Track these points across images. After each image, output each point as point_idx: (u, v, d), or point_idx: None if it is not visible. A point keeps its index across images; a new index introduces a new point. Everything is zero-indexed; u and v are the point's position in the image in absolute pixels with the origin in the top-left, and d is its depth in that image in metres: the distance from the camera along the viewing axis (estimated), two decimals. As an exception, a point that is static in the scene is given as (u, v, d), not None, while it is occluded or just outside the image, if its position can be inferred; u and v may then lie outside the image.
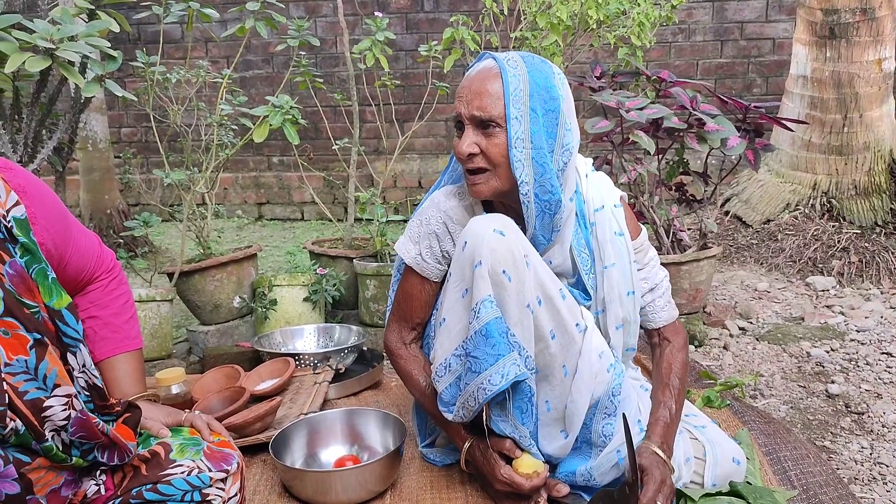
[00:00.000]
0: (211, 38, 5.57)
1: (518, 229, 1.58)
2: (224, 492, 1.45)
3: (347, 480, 1.71)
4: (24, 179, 1.33)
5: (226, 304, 2.83)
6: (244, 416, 1.97)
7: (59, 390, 1.23)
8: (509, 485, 1.60)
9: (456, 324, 1.59)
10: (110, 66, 2.38)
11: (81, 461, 1.33)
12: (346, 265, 3.02)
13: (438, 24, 5.51)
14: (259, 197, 5.92)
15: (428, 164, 5.69)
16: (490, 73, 1.53)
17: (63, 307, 1.30)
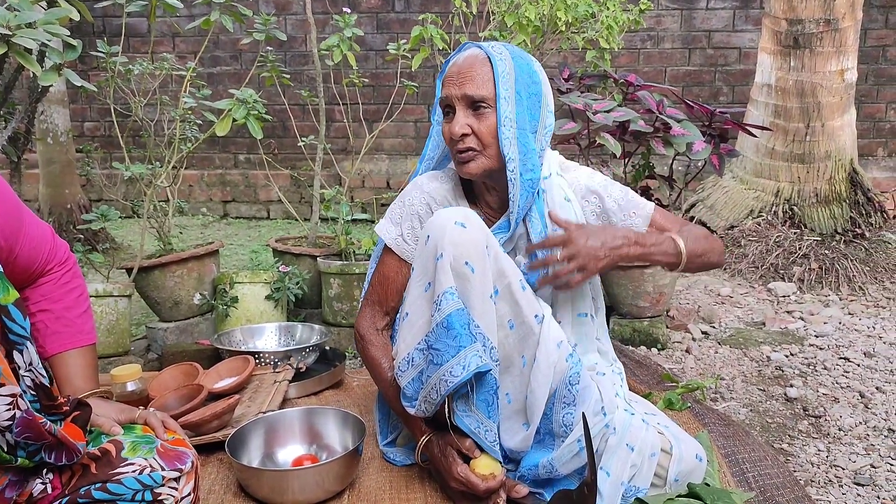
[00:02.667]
0: (178, 32, 5.49)
1: (480, 220, 1.59)
2: (177, 491, 1.42)
3: (305, 480, 1.68)
4: None
5: (186, 301, 2.78)
6: (201, 413, 1.93)
7: (4, 389, 1.18)
8: (465, 484, 1.60)
9: (419, 318, 1.60)
10: (69, 55, 2.33)
11: (27, 462, 1.29)
12: (309, 263, 2.99)
13: (409, 25, 5.49)
14: (225, 195, 5.85)
15: (397, 164, 5.67)
16: (477, 58, 1.62)
17: (9, 303, 1.25)
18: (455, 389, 1.52)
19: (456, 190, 1.77)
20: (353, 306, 2.83)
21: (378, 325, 1.80)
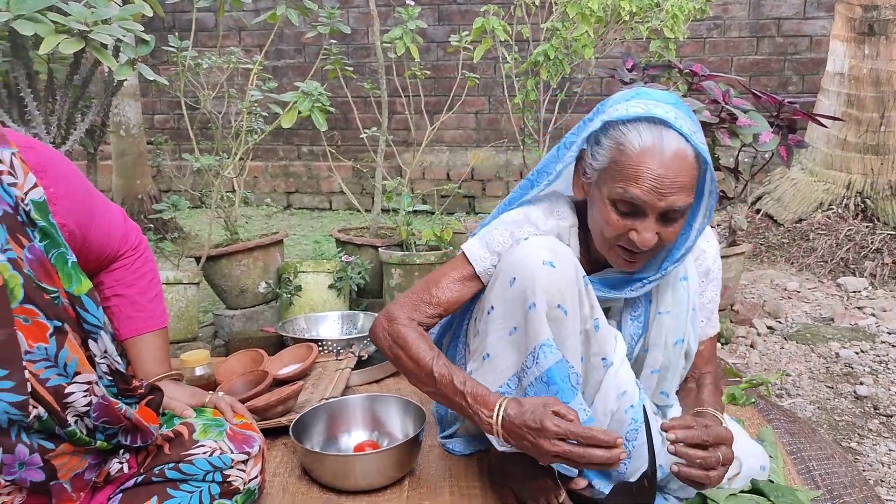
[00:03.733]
0: (244, 26, 5.61)
1: (568, 252, 1.49)
2: (245, 473, 1.47)
3: (366, 465, 1.71)
4: (45, 158, 1.32)
5: (251, 289, 2.85)
6: (266, 398, 1.98)
7: (80, 377, 1.24)
8: (565, 434, 1.32)
9: (504, 361, 1.52)
10: (143, 49, 2.41)
11: (105, 444, 1.34)
12: (371, 253, 3.03)
13: (470, 16, 5.50)
14: (288, 186, 5.96)
15: (457, 156, 5.68)
16: (686, 159, 1.37)
17: (83, 293, 1.30)
18: None
19: (572, 230, 1.60)
20: (414, 296, 2.86)
21: (415, 319, 1.59)
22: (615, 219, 1.42)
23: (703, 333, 1.71)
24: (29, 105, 2.28)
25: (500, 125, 5.57)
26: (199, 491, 1.41)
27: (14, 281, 1.19)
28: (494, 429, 1.40)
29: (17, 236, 1.23)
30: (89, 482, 1.36)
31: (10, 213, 1.23)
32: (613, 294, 1.57)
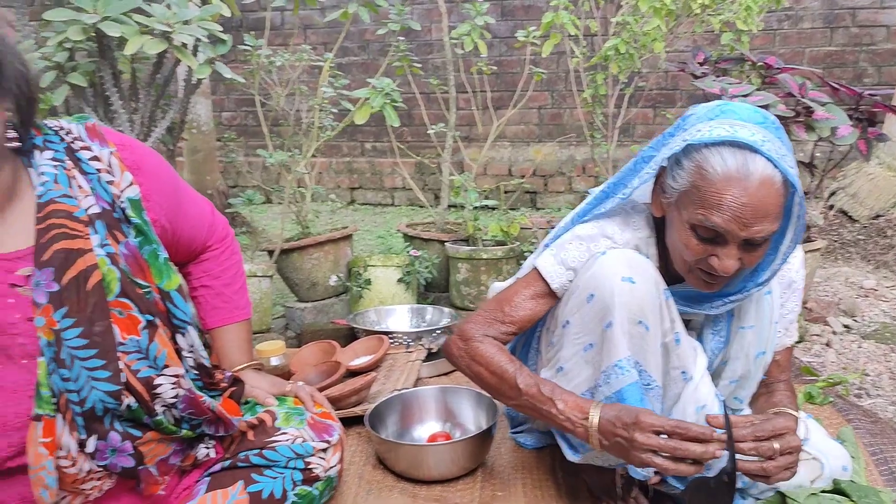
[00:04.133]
0: (310, 24, 5.71)
1: (649, 265, 1.45)
2: (325, 461, 1.50)
3: (440, 456, 1.74)
4: (139, 156, 1.38)
5: (322, 283, 2.91)
6: (340, 389, 2.03)
7: (168, 370, 1.29)
8: (660, 430, 1.30)
9: (577, 376, 1.50)
10: (220, 49, 2.47)
11: (191, 433, 1.39)
12: (438, 248, 3.06)
13: (533, 11, 5.48)
14: (352, 182, 6.04)
15: (519, 151, 5.67)
16: (773, 187, 1.30)
17: (173, 289, 1.35)
18: None
19: (650, 240, 1.55)
20: (481, 290, 2.88)
21: (490, 335, 1.57)
22: (695, 243, 1.37)
23: (780, 343, 1.67)
24: (114, 104, 2.37)
25: (563, 120, 5.54)
26: (282, 477, 1.45)
27: (111, 275, 1.25)
28: (589, 431, 1.38)
29: (114, 232, 1.29)
30: (174, 466, 1.42)
31: (108, 210, 1.29)
32: (693, 310, 1.54)
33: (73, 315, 1.20)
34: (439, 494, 1.71)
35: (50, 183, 1.24)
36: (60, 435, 1.20)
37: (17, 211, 1.24)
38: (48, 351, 1.19)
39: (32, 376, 1.20)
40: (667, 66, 2.88)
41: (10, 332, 1.19)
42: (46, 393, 1.19)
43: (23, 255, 1.22)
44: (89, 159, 1.30)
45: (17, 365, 1.19)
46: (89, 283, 1.22)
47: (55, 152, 1.28)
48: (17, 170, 1.25)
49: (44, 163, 1.26)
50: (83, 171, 1.29)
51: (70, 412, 1.20)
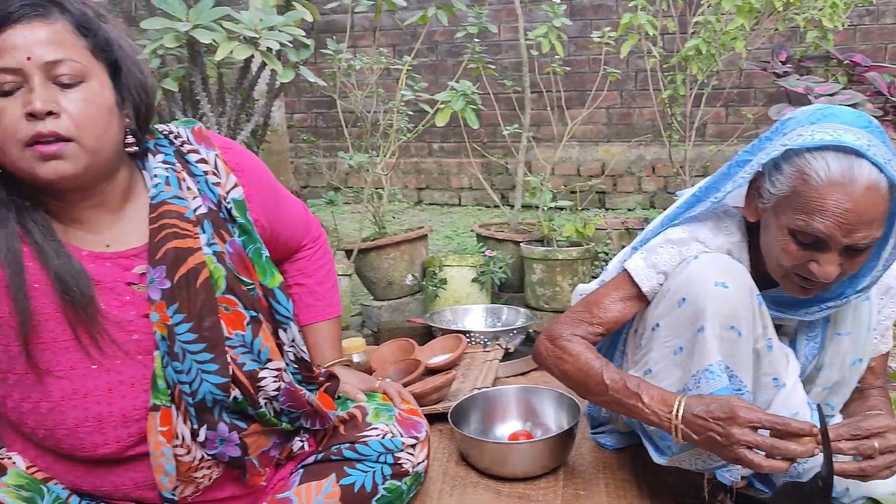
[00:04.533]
0: (379, 26, 5.78)
1: (743, 270, 1.44)
2: (413, 457, 1.53)
3: (523, 454, 1.76)
4: (241, 158, 1.43)
5: (398, 282, 2.96)
6: (421, 386, 2.07)
7: (271, 364, 1.34)
8: (758, 424, 1.28)
9: (665, 379, 1.49)
10: (303, 53, 2.54)
11: (289, 426, 1.44)
12: (512, 248, 3.08)
13: (602, 10, 5.45)
14: (419, 182, 6.09)
15: (587, 151, 5.64)
16: (878, 193, 1.28)
17: (275, 286, 1.40)
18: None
19: (742, 244, 1.54)
20: (556, 291, 2.89)
21: (578, 335, 1.58)
22: (794, 249, 1.35)
23: (876, 350, 1.63)
24: (203, 107, 2.46)
25: (632, 120, 5.49)
26: (372, 471, 1.48)
27: (218, 272, 1.30)
28: (672, 424, 1.37)
29: (221, 232, 1.34)
30: (274, 459, 1.47)
31: (214, 210, 1.35)
32: (787, 315, 1.52)
33: (184, 311, 1.26)
34: (522, 492, 1.73)
35: (162, 185, 1.30)
36: (176, 424, 1.26)
37: (131, 211, 1.31)
38: (162, 345, 1.25)
39: (148, 370, 1.26)
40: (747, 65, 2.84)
41: (128, 328, 1.25)
42: (162, 385, 1.25)
43: (137, 254, 1.29)
44: (197, 162, 1.36)
45: (133, 360, 1.26)
46: (198, 280, 1.27)
47: (166, 155, 1.34)
48: (132, 172, 1.32)
49: (156, 165, 1.32)
50: (191, 173, 1.35)
51: (183, 403, 1.26)
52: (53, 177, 1.15)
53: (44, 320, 1.20)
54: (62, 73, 1.15)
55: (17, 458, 1.29)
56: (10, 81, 1.13)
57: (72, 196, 1.24)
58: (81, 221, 1.27)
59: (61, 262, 1.20)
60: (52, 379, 1.21)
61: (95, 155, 1.19)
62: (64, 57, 1.15)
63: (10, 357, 1.20)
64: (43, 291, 1.20)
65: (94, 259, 1.26)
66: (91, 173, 1.20)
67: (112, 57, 1.22)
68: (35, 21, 1.15)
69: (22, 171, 1.16)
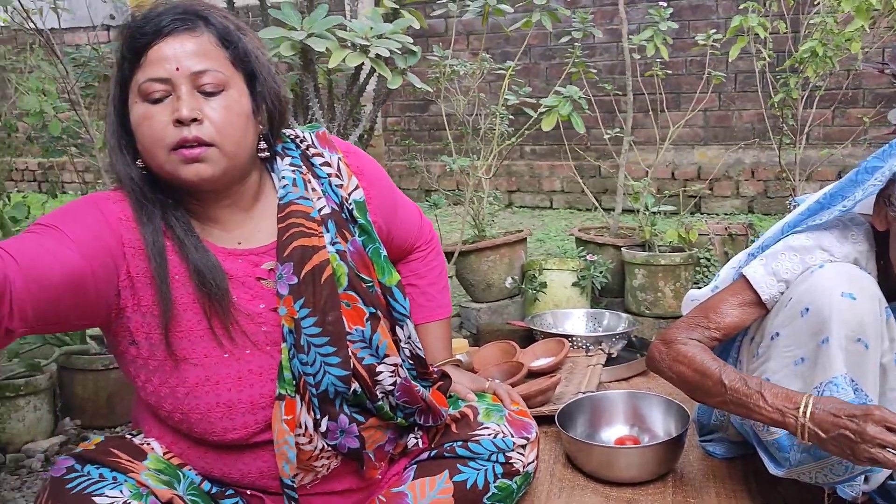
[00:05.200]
0: (472, 30, 5.83)
1: (870, 281, 1.42)
2: (524, 457, 1.55)
3: (631, 459, 1.76)
4: (362, 161, 1.50)
5: (497, 284, 2.99)
6: (526, 388, 2.09)
7: (388, 360, 1.39)
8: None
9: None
10: (411, 60, 2.61)
11: (404, 422, 1.49)
12: (612, 253, 3.06)
13: (701, 11, 5.34)
14: (510, 184, 6.11)
15: (682, 154, 5.54)
16: None
17: (393, 284, 1.45)
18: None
19: (870, 254, 1.52)
20: (657, 297, 2.86)
21: (693, 339, 1.58)
22: None
23: None
24: (316, 113, 2.55)
25: (731, 122, 5.36)
26: (484, 469, 1.50)
27: (341, 270, 1.37)
28: (799, 422, 1.34)
29: (343, 231, 1.41)
30: (388, 454, 1.52)
31: (337, 211, 1.42)
32: None
33: (309, 305, 1.32)
34: (631, 497, 1.74)
35: (289, 186, 1.38)
36: (299, 414, 1.33)
37: (261, 211, 1.39)
38: (289, 338, 1.32)
39: (275, 361, 1.33)
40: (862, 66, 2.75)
41: (257, 320, 1.33)
42: (288, 375, 1.32)
43: (266, 251, 1.36)
44: (321, 164, 1.43)
45: (261, 351, 1.33)
46: (323, 276, 1.34)
47: (293, 158, 1.41)
48: (262, 174, 1.40)
49: (284, 168, 1.39)
50: (316, 175, 1.42)
51: (308, 394, 1.33)
52: (195, 178, 1.24)
53: (182, 310, 1.28)
54: (206, 83, 1.23)
55: (155, 444, 1.37)
56: (160, 90, 1.22)
57: (209, 196, 1.32)
58: (216, 220, 1.35)
59: (200, 257, 1.28)
60: (188, 366, 1.29)
61: (233, 159, 1.26)
62: (208, 67, 1.23)
63: (151, 344, 1.29)
64: (182, 283, 1.28)
65: (227, 255, 1.34)
66: (228, 176, 1.28)
67: (250, 67, 1.30)
68: (184, 34, 1.24)
69: (167, 173, 1.25)
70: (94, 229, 1.22)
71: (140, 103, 1.23)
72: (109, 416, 2.37)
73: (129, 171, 1.28)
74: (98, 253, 1.20)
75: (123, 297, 1.26)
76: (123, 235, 1.26)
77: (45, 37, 2.38)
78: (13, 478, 2.07)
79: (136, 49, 1.23)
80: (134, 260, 1.26)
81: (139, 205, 1.27)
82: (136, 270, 1.26)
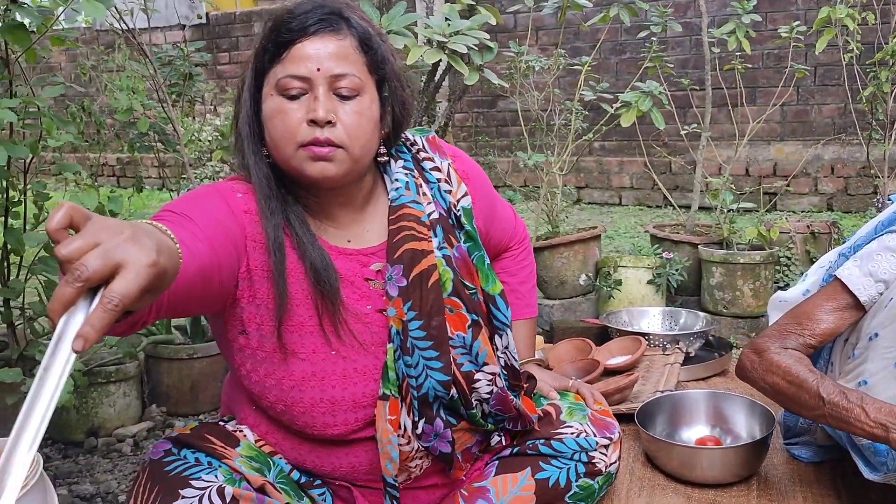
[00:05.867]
0: (541, 25, 5.80)
1: None
2: (606, 457, 1.54)
3: (714, 460, 1.73)
4: (468, 166, 1.50)
5: (571, 281, 2.97)
6: (604, 386, 2.07)
7: (487, 368, 1.39)
8: None
9: (884, 390, 1.43)
10: (487, 56, 2.61)
11: (493, 428, 1.49)
12: (688, 251, 3.02)
13: (781, 3, 5.19)
14: (578, 181, 6.05)
15: (757, 150, 5.40)
16: None
17: (496, 293, 1.44)
18: None
19: None
20: (735, 296, 2.81)
21: (787, 348, 1.54)
22: None
23: None
24: (393, 110, 2.58)
25: (809, 117, 5.21)
26: (567, 468, 1.50)
27: (446, 275, 1.37)
28: None
29: (449, 237, 1.41)
30: (474, 455, 1.52)
31: (444, 216, 1.42)
32: None
33: (416, 309, 1.33)
34: (713, 498, 1.71)
35: (402, 189, 1.38)
36: (401, 415, 1.34)
37: (371, 212, 1.40)
38: (396, 339, 1.33)
39: (378, 361, 1.34)
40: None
41: (364, 320, 1.34)
42: (392, 376, 1.33)
43: (375, 251, 1.37)
44: (431, 169, 1.43)
45: (366, 350, 1.34)
46: (430, 281, 1.34)
47: (405, 161, 1.42)
48: (375, 176, 1.41)
49: (397, 171, 1.40)
50: (426, 179, 1.42)
51: (409, 396, 1.34)
52: (319, 176, 1.25)
53: (295, 305, 1.30)
54: (343, 86, 1.24)
55: (248, 432, 1.40)
56: (298, 87, 1.24)
57: (325, 193, 1.33)
58: (330, 217, 1.36)
59: (316, 254, 1.30)
60: (296, 360, 1.31)
61: (357, 162, 1.27)
62: (347, 72, 1.24)
63: (261, 335, 1.30)
64: (297, 279, 1.30)
65: (339, 254, 1.35)
66: (349, 176, 1.29)
67: (383, 73, 1.30)
68: (327, 35, 1.25)
69: (291, 168, 1.27)
70: (222, 221, 1.23)
71: (276, 96, 1.25)
72: (193, 403, 2.46)
73: (259, 162, 1.30)
74: (224, 244, 1.22)
75: (241, 288, 1.28)
76: (247, 228, 1.27)
77: (133, 37, 2.47)
78: (105, 461, 2.16)
79: (280, 43, 1.25)
80: (254, 253, 1.28)
81: (265, 197, 1.28)
82: (256, 264, 1.28)
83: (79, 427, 2.27)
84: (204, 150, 3.06)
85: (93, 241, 0.76)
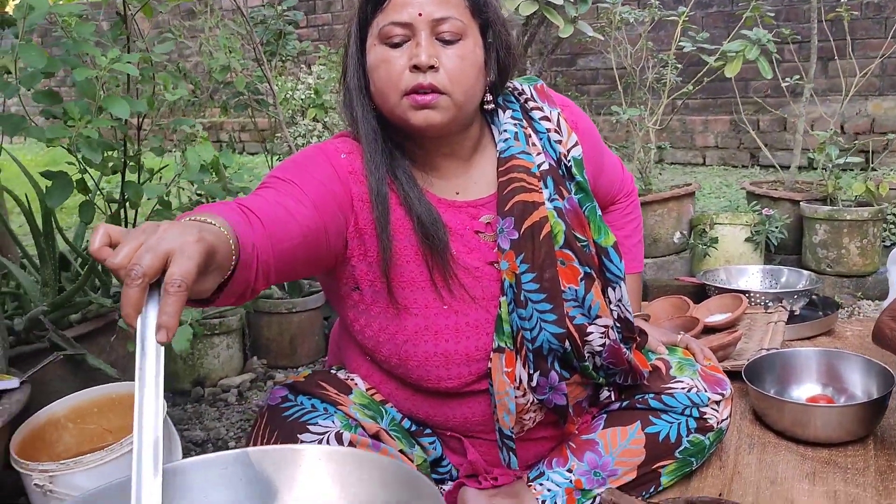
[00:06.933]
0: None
1: None
2: (718, 413, 1.52)
3: (829, 418, 1.69)
4: (577, 117, 1.46)
5: (664, 239, 2.91)
6: (706, 343, 2.02)
7: (600, 321, 1.36)
8: None
9: None
10: (582, 8, 2.55)
11: (604, 381, 1.48)
12: (788, 208, 2.91)
13: (883, -52, 4.90)
14: (661, 139, 5.89)
15: (853, 106, 5.14)
16: None
17: (609, 245, 1.41)
18: None
19: None
20: (841, 254, 2.71)
21: None
22: None
23: None
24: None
25: (914, 69, 4.93)
26: (677, 423, 1.49)
27: (558, 227, 1.34)
28: None
29: (560, 188, 1.37)
30: (584, 409, 1.52)
31: (555, 167, 1.39)
32: None
33: (528, 261, 1.32)
34: (828, 457, 1.67)
35: (511, 140, 1.36)
36: (517, 367, 1.34)
37: (479, 163, 1.38)
38: (509, 292, 1.32)
39: (490, 315, 1.33)
40: None
41: (475, 274, 1.33)
42: (507, 329, 1.33)
43: (484, 203, 1.36)
44: (540, 119, 1.40)
45: (478, 304, 1.33)
46: (542, 233, 1.32)
47: (513, 111, 1.39)
48: (482, 126, 1.39)
49: (506, 121, 1.37)
50: (535, 129, 1.39)
51: (524, 348, 1.33)
52: (423, 124, 1.24)
53: (405, 262, 1.31)
54: (445, 31, 1.22)
55: (359, 381, 1.43)
56: (400, 34, 1.23)
57: (431, 143, 1.32)
58: (436, 168, 1.35)
59: (423, 210, 1.29)
60: (409, 315, 1.31)
61: (461, 109, 1.25)
62: (449, 15, 1.22)
63: (374, 291, 1.32)
64: (406, 235, 1.30)
65: (448, 206, 1.34)
66: (454, 124, 1.28)
67: (486, 17, 1.28)
68: None
69: (396, 117, 1.26)
70: (327, 184, 1.25)
71: (378, 45, 1.25)
72: (292, 356, 2.52)
73: (367, 115, 1.29)
74: (330, 206, 1.23)
75: (351, 247, 1.29)
76: (352, 188, 1.28)
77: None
78: (212, 409, 2.24)
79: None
80: (362, 213, 1.29)
81: (371, 151, 1.28)
82: (364, 222, 1.29)
83: (186, 377, 2.36)
84: (296, 109, 3.09)
85: (136, 244, 0.80)
